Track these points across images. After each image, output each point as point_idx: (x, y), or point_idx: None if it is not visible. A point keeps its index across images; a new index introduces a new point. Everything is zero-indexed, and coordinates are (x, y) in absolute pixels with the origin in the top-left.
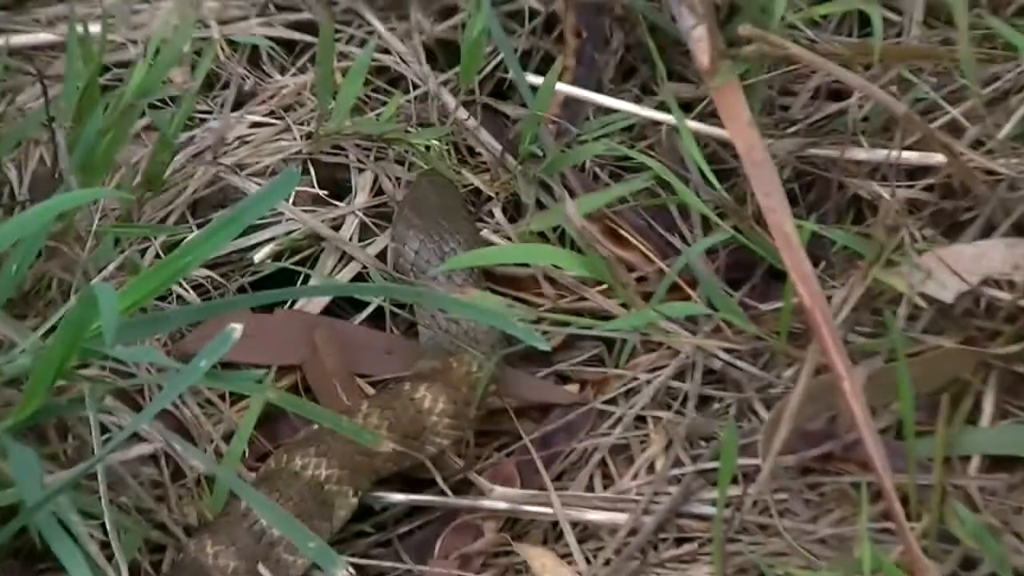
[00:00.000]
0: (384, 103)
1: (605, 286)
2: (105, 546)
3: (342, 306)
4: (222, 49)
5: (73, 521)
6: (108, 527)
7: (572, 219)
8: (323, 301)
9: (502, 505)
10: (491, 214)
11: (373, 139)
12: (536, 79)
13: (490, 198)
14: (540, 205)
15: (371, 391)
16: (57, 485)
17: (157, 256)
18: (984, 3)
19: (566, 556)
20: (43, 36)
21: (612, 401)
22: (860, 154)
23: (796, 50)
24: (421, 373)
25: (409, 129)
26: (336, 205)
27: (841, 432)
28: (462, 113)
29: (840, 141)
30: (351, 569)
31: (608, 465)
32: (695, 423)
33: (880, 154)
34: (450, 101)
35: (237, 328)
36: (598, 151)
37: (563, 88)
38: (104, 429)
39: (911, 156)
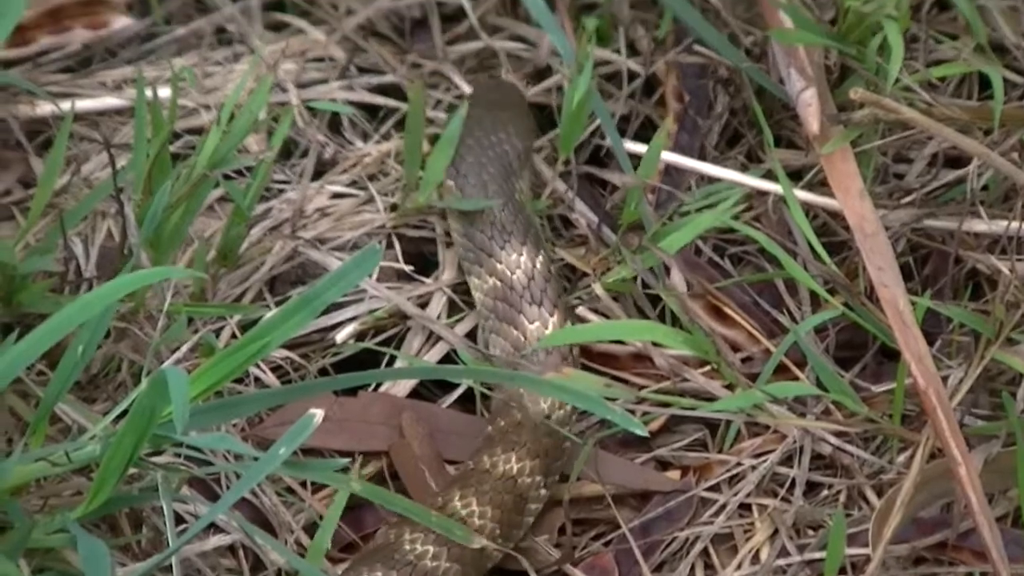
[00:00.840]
0: None
1: (708, 367)
2: None
3: (430, 388)
4: (300, 115)
5: None
6: None
7: (677, 288)
8: (410, 383)
9: None
10: (588, 290)
11: None
12: (636, 146)
13: (586, 274)
14: (644, 285)
15: None
16: None
17: (233, 336)
18: None
19: None
20: (109, 100)
21: (715, 488)
22: (979, 226)
23: (911, 115)
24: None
25: None
26: (422, 281)
27: (956, 520)
28: (558, 184)
29: (958, 212)
30: None
31: (711, 555)
32: (802, 511)
33: (1000, 226)
34: (545, 171)
35: (318, 414)
36: (706, 224)
37: (665, 156)
38: (179, 519)
39: None
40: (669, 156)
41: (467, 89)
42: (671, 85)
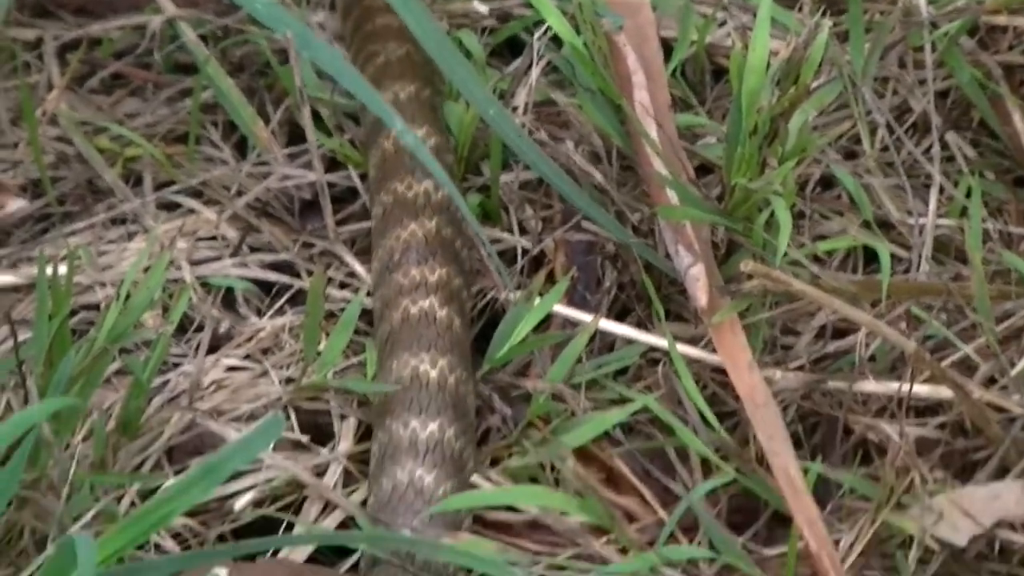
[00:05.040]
0: (363, 346)
1: (603, 536)
2: None
3: (327, 555)
4: (195, 291)
5: None
6: None
7: (567, 460)
8: (308, 549)
9: None
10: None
11: None
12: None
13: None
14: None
15: None
16: None
17: (133, 504)
18: (995, 237)
19: None
20: (5, 278)
21: None
22: (869, 386)
23: (801, 286)
24: None
25: None
26: (319, 451)
27: None
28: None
29: (847, 379)
30: None
31: None
32: None
33: (891, 387)
34: None
35: (221, 573)
36: (609, 423)
37: (561, 310)
38: None
39: (921, 389)
40: (564, 310)
41: (361, 270)
42: (559, 262)
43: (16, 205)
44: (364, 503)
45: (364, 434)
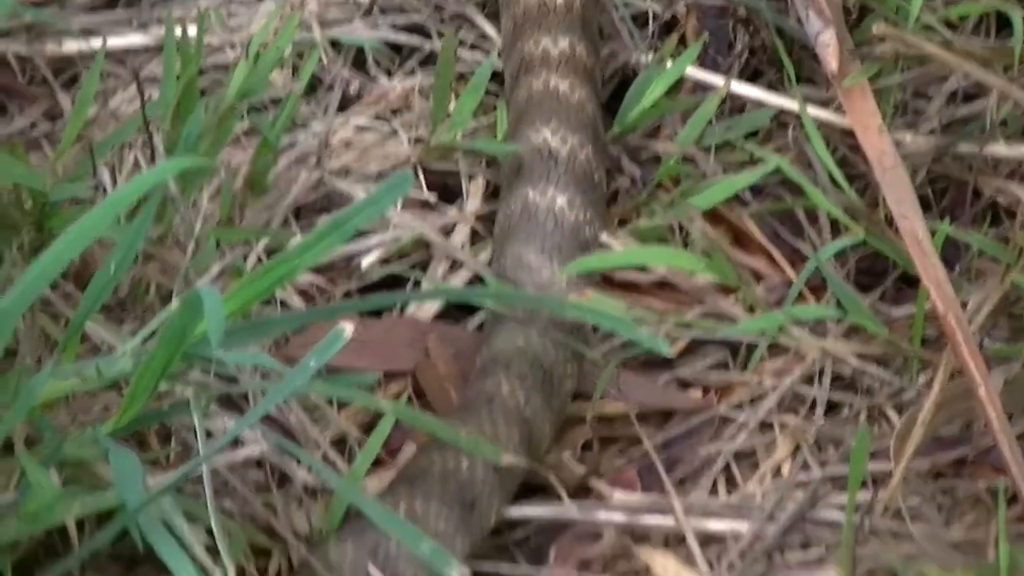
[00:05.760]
0: (494, 108)
1: (730, 296)
2: (210, 550)
3: (451, 314)
4: (325, 52)
5: (177, 524)
6: (215, 529)
7: (695, 220)
8: (434, 308)
9: (619, 518)
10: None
11: None
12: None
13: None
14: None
15: None
16: (161, 486)
17: (259, 261)
18: None
19: (688, 559)
20: (135, 39)
21: (737, 407)
22: (999, 149)
23: (933, 49)
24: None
25: None
26: (446, 210)
27: (975, 437)
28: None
29: (977, 141)
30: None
31: (733, 471)
32: (824, 428)
33: (1021, 150)
34: None
35: (348, 327)
36: (738, 187)
37: (692, 73)
38: (208, 436)
39: None
40: (696, 73)
41: (492, 32)
42: (691, 25)
43: None
44: (490, 263)
45: (492, 194)
